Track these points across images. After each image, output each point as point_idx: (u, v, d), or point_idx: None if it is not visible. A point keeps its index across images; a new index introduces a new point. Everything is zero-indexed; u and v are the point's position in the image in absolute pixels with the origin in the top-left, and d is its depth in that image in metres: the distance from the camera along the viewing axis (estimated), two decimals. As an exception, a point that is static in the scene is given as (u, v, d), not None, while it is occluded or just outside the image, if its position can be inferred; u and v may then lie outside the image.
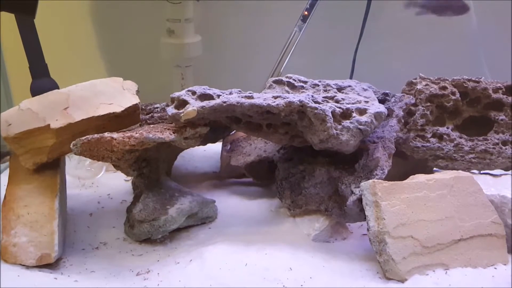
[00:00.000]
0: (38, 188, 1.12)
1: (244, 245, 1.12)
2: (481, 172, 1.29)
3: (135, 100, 1.19)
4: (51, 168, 1.16)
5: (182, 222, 1.18)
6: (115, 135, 1.08)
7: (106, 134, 1.08)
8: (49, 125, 1.11)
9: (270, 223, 1.24)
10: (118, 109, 1.16)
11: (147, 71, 1.82)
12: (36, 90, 1.34)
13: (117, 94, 1.19)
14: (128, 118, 1.19)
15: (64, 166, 1.26)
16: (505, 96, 1.28)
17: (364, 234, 1.19)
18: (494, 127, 1.28)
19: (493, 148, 1.26)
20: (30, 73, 1.40)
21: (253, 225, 1.23)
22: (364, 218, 1.08)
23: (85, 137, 1.08)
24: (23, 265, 1.03)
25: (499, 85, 1.29)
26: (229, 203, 1.34)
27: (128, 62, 1.90)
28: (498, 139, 1.27)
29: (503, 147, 1.26)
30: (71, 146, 1.08)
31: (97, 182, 1.44)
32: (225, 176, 1.48)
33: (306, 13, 1.66)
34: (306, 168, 1.23)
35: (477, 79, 1.30)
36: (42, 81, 1.38)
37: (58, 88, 1.35)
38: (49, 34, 1.46)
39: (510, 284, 1.01)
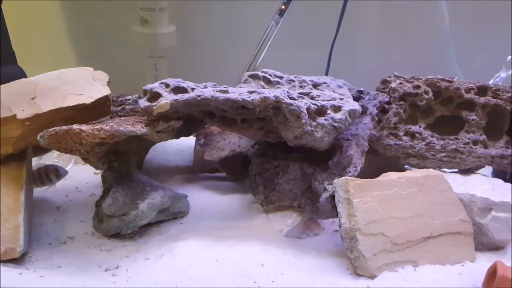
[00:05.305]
0: (3, 180, 1.08)
1: (215, 241, 1.11)
2: (451, 171, 1.31)
3: (105, 91, 1.17)
4: (16, 159, 1.13)
5: (153, 217, 1.16)
6: (84, 127, 1.06)
7: (75, 126, 1.05)
8: (15, 115, 1.07)
9: (242, 218, 1.24)
10: (87, 100, 1.13)
11: (119, 61, 1.78)
12: (2, 78, 1.29)
13: (87, 85, 1.16)
14: (98, 109, 1.16)
15: (31, 158, 1.22)
16: (477, 96, 1.30)
17: (335, 231, 1.20)
18: (466, 127, 1.30)
19: (464, 147, 1.28)
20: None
21: (226, 220, 1.23)
22: (336, 214, 1.08)
23: (52, 128, 1.05)
24: (-14, 259, 1.00)
25: (471, 85, 1.31)
26: (202, 198, 1.33)
27: (99, 52, 1.86)
28: (469, 139, 1.29)
29: (474, 147, 1.28)
30: (38, 138, 1.05)
31: (65, 175, 1.40)
32: (198, 171, 1.46)
33: (283, 7, 1.65)
34: (280, 164, 1.22)
35: (450, 79, 1.32)
36: (8, 68, 1.33)
37: (25, 76, 1.30)
38: (17, 20, 1.41)
39: (476, 281, 1.03)
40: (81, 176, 1.39)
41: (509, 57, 1.58)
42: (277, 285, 1.00)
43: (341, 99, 1.17)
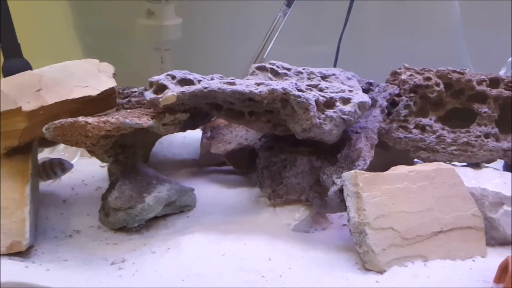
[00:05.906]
0: (8, 173, 1.08)
1: (222, 235, 1.11)
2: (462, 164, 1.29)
3: (111, 83, 1.16)
4: (22, 152, 1.12)
5: (159, 210, 1.15)
6: (89, 119, 1.05)
7: (80, 118, 1.05)
8: (20, 107, 1.06)
9: (249, 212, 1.23)
10: (93, 92, 1.12)
11: (125, 54, 1.77)
12: (7, 71, 1.29)
13: (92, 77, 1.15)
14: (104, 102, 1.15)
15: (37, 150, 1.22)
16: (489, 88, 1.28)
17: (344, 225, 1.18)
18: (477, 120, 1.28)
19: (475, 140, 1.26)
20: (1, 53, 1.34)
21: (232, 214, 1.22)
22: (344, 208, 1.07)
23: (58, 121, 1.04)
24: (-8, 253, 0.99)
25: (483, 77, 1.29)
26: (208, 192, 1.32)
27: (105, 44, 1.85)
28: (480, 132, 1.27)
29: (485, 140, 1.26)
30: (43, 130, 1.04)
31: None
32: (205, 164, 1.45)
33: (291, -3, 1.63)
34: (288, 157, 1.21)
35: (461, 71, 1.30)
36: (14, 61, 1.33)
37: (31, 69, 1.30)
38: (23, 13, 1.41)
39: (487, 277, 1.01)
40: (87, 169, 1.39)
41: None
42: (284, 279, 0.98)
43: (350, 91, 1.15)
